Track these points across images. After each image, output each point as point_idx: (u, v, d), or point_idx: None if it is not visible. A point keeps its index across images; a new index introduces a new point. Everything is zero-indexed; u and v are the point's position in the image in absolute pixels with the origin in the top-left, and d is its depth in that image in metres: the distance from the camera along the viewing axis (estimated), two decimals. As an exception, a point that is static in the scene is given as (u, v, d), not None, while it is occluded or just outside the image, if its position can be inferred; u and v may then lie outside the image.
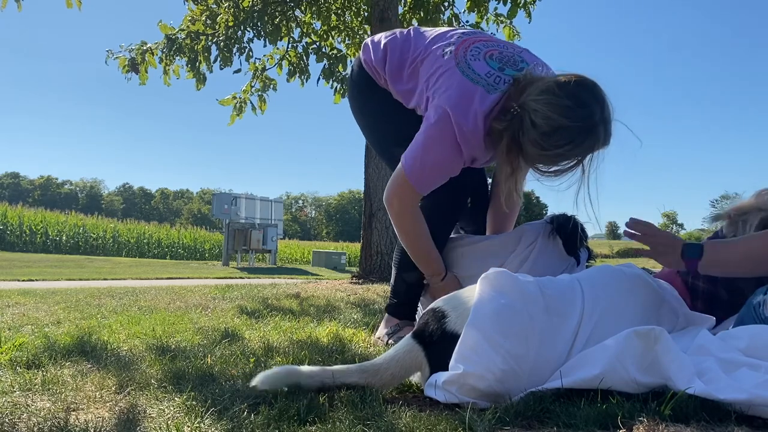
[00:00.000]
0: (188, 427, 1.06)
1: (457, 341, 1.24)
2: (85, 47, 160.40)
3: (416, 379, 1.36)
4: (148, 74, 6.63)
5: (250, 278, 9.15)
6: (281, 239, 21.27)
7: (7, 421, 1.10)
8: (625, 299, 1.43)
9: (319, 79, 6.96)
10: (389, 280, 2.20)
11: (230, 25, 6.59)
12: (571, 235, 1.96)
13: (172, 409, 1.17)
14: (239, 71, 6.84)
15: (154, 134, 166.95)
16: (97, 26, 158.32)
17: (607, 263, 1.73)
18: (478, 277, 1.37)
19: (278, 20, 6.84)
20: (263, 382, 1.25)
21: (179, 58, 6.67)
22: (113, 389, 1.33)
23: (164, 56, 6.64)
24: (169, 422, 1.08)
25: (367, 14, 6.78)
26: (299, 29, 7.12)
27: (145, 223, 26.67)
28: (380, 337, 2.03)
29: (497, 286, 1.32)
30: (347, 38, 7.17)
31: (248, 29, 6.74)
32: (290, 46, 7.10)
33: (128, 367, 1.54)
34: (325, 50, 7.04)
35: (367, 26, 6.88)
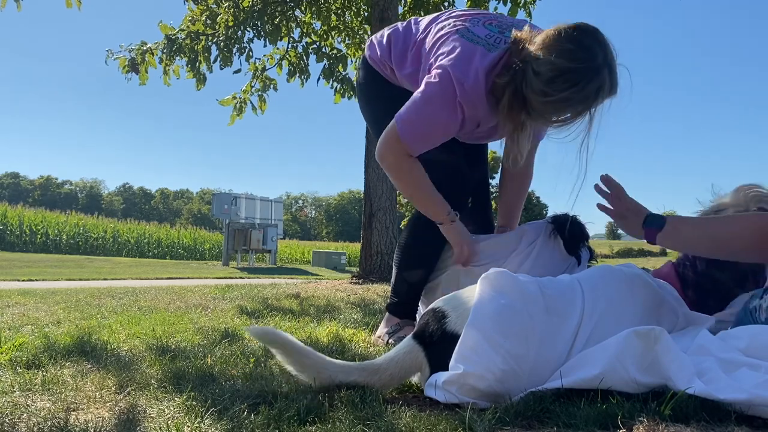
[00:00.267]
0: (188, 427, 1.06)
1: (457, 341, 1.24)
2: (85, 47, 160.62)
3: (416, 379, 1.36)
4: (148, 74, 6.64)
5: (250, 278, 9.16)
6: (281, 239, 21.27)
7: (7, 421, 1.10)
8: (625, 299, 1.43)
9: (319, 79, 6.96)
10: (389, 280, 2.21)
11: (230, 25, 6.59)
12: (571, 235, 1.96)
13: (172, 409, 1.17)
14: (239, 71, 6.84)
15: (154, 134, 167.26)
16: (97, 26, 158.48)
17: (607, 263, 1.73)
18: (477, 276, 1.37)
19: (278, 20, 6.84)
20: (254, 332, 1.32)
21: (179, 58, 6.68)
22: (113, 389, 1.33)
23: (164, 56, 6.64)
24: (169, 422, 1.08)
25: (367, 14, 6.78)
26: (299, 29, 7.13)
27: (145, 223, 26.68)
28: (380, 336, 2.03)
29: (497, 286, 1.32)
30: (347, 38, 7.18)
31: (248, 29, 6.75)
32: (290, 46, 7.10)
33: (128, 367, 1.54)
34: (325, 50, 7.04)
35: (367, 26, 6.88)
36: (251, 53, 6.88)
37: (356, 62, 7.03)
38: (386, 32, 2.07)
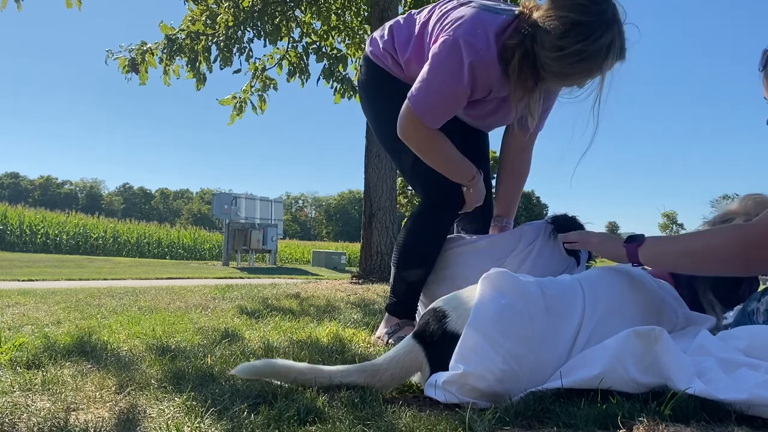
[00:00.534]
0: (188, 427, 1.06)
1: (457, 341, 1.24)
2: (85, 47, 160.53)
3: (416, 379, 1.36)
4: (148, 74, 6.64)
5: (250, 278, 9.16)
6: (281, 239, 21.28)
7: (7, 421, 1.10)
8: (625, 299, 1.43)
9: (319, 79, 6.96)
10: (389, 279, 2.20)
11: (230, 25, 6.60)
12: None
13: (172, 409, 1.17)
14: (239, 71, 6.85)
15: (153, 134, 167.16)
16: (97, 26, 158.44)
17: (607, 263, 1.73)
18: (478, 276, 1.37)
19: (278, 20, 6.84)
20: (241, 371, 1.29)
21: (179, 58, 6.68)
22: (113, 389, 1.33)
23: (164, 56, 6.64)
24: (169, 422, 1.08)
25: (367, 14, 6.78)
26: (299, 29, 7.13)
27: (145, 223, 26.70)
28: (380, 336, 2.03)
29: (498, 286, 1.32)
30: (347, 38, 7.18)
31: (248, 29, 6.75)
32: (290, 46, 7.10)
33: (128, 367, 1.54)
34: (325, 50, 7.05)
35: (367, 26, 6.89)
36: (251, 53, 6.89)
37: (356, 62, 7.04)
38: (387, 25, 2.11)
